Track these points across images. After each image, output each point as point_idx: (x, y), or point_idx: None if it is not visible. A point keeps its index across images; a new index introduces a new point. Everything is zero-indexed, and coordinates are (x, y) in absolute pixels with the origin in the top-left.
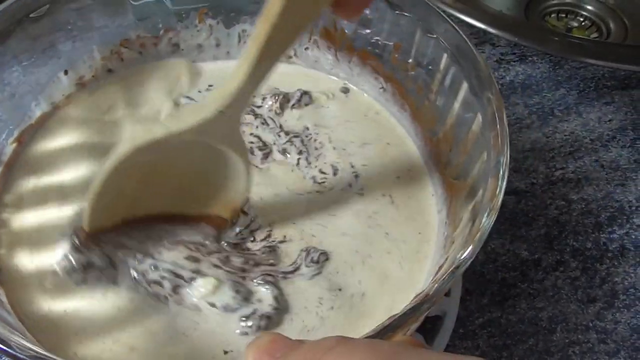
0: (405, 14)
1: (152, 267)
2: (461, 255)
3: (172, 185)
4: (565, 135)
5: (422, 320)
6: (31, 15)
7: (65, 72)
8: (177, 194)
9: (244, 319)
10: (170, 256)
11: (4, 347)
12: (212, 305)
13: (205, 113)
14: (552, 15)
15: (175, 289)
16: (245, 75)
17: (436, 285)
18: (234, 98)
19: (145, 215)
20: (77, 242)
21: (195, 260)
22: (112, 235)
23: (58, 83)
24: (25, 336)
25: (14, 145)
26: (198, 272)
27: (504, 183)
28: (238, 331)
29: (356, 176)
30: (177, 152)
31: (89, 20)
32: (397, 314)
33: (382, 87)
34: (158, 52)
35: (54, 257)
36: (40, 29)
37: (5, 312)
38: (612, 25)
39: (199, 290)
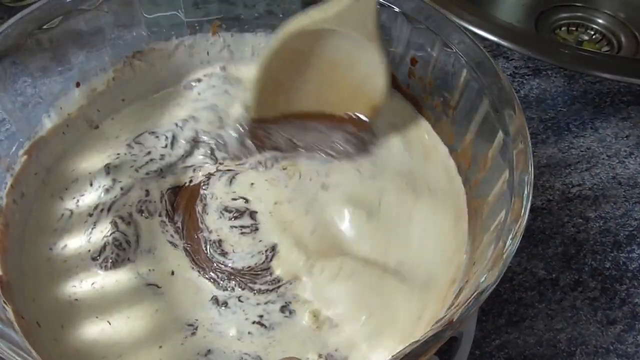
0: (423, 27)
1: None
2: (485, 280)
3: (320, 82)
4: (581, 151)
5: None
6: (44, 27)
7: (77, 84)
8: (325, 91)
9: None
10: None
11: None
12: None
13: (343, 3)
14: (563, 29)
15: None
16: None
17: (460, 310)
18: None
19: (299, 112)
20: (242, 129)
21: None
22: (273, 127)
23: (70, 95)
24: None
25: (25, 157)
26: None
27: (529, 203)
28: None
29: None
30: (323, 44)
31: (101, 32)
32: (418, 341)
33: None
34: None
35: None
36: (52, 41)
37: (13, 332)
38: (623, 38)
39: None
